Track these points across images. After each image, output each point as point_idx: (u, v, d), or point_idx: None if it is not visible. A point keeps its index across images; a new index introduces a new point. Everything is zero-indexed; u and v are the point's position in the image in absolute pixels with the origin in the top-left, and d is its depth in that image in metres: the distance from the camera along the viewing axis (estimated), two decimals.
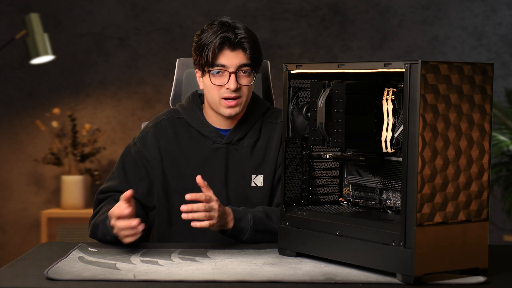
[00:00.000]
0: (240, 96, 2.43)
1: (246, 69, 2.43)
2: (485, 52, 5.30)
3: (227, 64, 2.41)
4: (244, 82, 2.43)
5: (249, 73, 2.44)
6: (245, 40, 2.43)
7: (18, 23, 5.06)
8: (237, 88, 2.42)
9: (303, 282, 1.83)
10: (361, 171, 2.14)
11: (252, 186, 2.48)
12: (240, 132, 2.50)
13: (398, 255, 1.82)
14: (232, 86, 2.40)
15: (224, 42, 2.41)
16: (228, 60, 2.41)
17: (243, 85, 2.43)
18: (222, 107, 2.44)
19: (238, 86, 2.42)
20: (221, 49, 2.42)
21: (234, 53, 2.42)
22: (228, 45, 2.41)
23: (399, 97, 1.98)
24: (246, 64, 2.43)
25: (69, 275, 1.86)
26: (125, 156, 2.50)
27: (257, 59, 2.47)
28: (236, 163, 2.49)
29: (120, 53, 5.27)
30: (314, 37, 5.28)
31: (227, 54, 2.42)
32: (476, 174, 1.88)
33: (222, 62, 2.41)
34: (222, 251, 2.17)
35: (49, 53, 4.53)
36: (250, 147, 2.50)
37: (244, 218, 2.29)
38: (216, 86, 2.43)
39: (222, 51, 2.42)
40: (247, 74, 2.44)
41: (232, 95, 2.42)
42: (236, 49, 2.42)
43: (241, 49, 2.43)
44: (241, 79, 2.43)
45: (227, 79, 2.41)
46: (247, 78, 2.44)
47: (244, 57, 2.43)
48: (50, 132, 5.17)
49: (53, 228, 4.94)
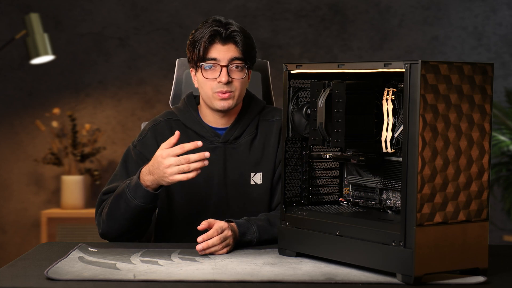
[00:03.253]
0: (233, 90, 2.44)
1: (238, 63, 2.43)
2: (485, 52, 5.30)
3: (218, 58, 2.42)
4: (236, 76, 2.43)
5: (241, 67, 2.44)
6: (236, 34, 2.44)
7: (18, 23, 5.06)
8: (228, 82, 2.42)
9: (303, 282, 1.83)
10: (361, 171, 2.14)
11: (252, 184, 2.48)
12: (237, 130, 2.50)
13: (398, 255, 1.82)
14: (223, 79, 2.40)
15: (215, 35, 2.42)
16: (219, 53, 2.42)
17: (235, 79, 2.43)
18: (215, 100, 2.44)
19: (229, 79, 2.42)
20: (212, 42, 2.43)
21: (225, 46, 2.43)
22: (219, 38, 2.43)
23: (399, 97, 1.98)
24: (237, 57, 2.43)
25: (69, 275, 1.86)
26: (127, 158, 2.50)
27: (249, 54, 2.46)
28: (234, 161, 2.49)
29: (120, 53, 5.27)
30: (314, 37, 5.28)
31: (218, 48, 2.43)
32: (476, 174, 1.88)
33: (213, 55, 2.42)
34: None
35: (49, 53, 4.53)
36: (248, 145, 2.50)
37: (249, 231, 2.27)
38: (208, 80, 2.43)
39: (213, 45, 2.43)
40: (239, 68, 2.44)
41: (224, 89, 2.42)
42: (227, 42, 2.43)
43: (232, 42, 2.44)
44: (233, 73, 2.43)
45: (218, 73, 2.42)
46: (239, 72, 2.44)
47: (235, 51, 2.43)
48: (50, 132, 5.16)
49: (53, 228, 4.94)
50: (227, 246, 2.17)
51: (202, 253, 2.13)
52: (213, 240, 2.14)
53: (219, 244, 2.15)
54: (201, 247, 2.13)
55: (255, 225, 2.28)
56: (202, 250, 2.13)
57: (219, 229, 2.16)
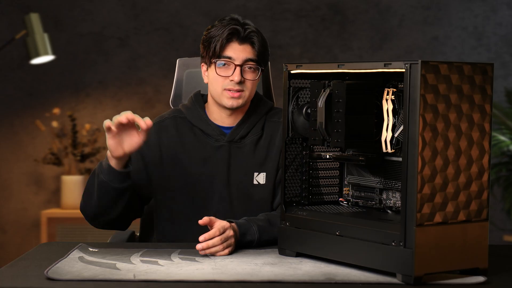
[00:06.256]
0: (244, 90, 2.44)
1: (251, 65, 2.44)
2: (485, 52, 5.30)
3: (233, 57, 2.42)
4: (249, 77, 2.44)
5: (254, 68, 2.44)
6: (253, 35, 2.44)
7: (18, 23, 5.06)
8: (241, 81, 2.42)
9: (303, 282, 1.83)
10: (361, 171, 2.14)
11: (255, 184, 2.48)
12: (243, 129, 2.50)
13: (398, 255, 1.82)
14: (236, 79, 2.41)
15: (233, 34, 2.43)
16: (235, 52, 2.42)
17: (247, 79, 2.43)
18: (224, 98, 2.44)
19: (242, 79, 2.42)
20: (229, 40, 2.43)
21: (242, 46, 2.43)
22: (236, 37, 2.43)
23: (399, 97, 1.98)
24: (252, 59, 2.43)
25: (69, 275, 1.86)
26: None
27: (263, 56, 2.47)
28: (238, 161, 2.49)
29: (120, 53, 5.27)
30: (314, 37, 5.28)
31: (235, 47, 2.43)
32: (476, 174, 1.88)
33: (229, 54, 2.42)
34: None
35: (49, 53, 4.53)
36: (253, 145, 2.50)
37: (249, 231, 2.25)
38: (220, 77, 2.43)
39: (230, 43, 2.43)
40: (252, 69, 2.44)
41: (235, 88, 2.42)
42: (244, 42, 2.43)
43: (249, 43, 2.44)
44: (246, 73, 2.43)
45: (232, 71, 2.42)
46: (252, 73, 2.44)
47: (251, 52, 2.44)
48: (50, 132, 5.16)
49: (53, 228, 4.94)
50: (229, 246, 2.14)
51: (202, 253, 2.11)
52: (214, 241, 2.11)
53: (220, 244, 2.12)
54: (201, 246, 2.10)
55: (256, 225, 2.27)
56: (202, 250, 2.10)
57: (221, 228, 2.13)
